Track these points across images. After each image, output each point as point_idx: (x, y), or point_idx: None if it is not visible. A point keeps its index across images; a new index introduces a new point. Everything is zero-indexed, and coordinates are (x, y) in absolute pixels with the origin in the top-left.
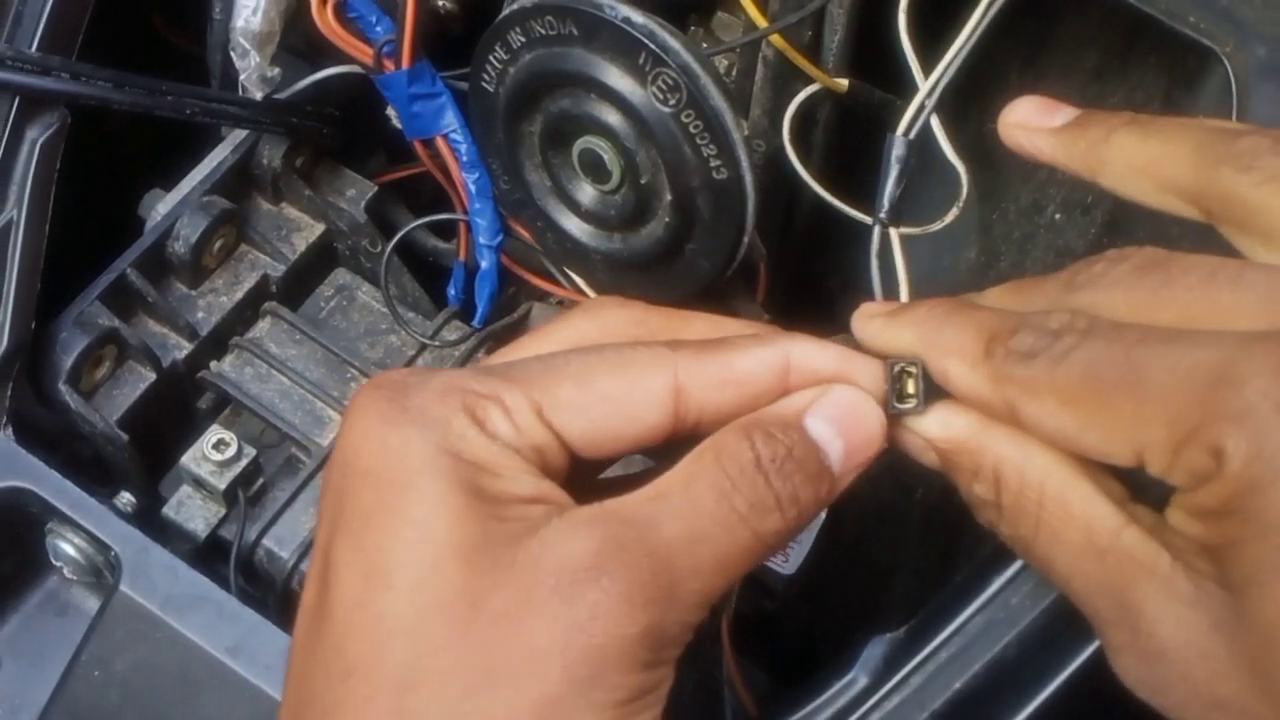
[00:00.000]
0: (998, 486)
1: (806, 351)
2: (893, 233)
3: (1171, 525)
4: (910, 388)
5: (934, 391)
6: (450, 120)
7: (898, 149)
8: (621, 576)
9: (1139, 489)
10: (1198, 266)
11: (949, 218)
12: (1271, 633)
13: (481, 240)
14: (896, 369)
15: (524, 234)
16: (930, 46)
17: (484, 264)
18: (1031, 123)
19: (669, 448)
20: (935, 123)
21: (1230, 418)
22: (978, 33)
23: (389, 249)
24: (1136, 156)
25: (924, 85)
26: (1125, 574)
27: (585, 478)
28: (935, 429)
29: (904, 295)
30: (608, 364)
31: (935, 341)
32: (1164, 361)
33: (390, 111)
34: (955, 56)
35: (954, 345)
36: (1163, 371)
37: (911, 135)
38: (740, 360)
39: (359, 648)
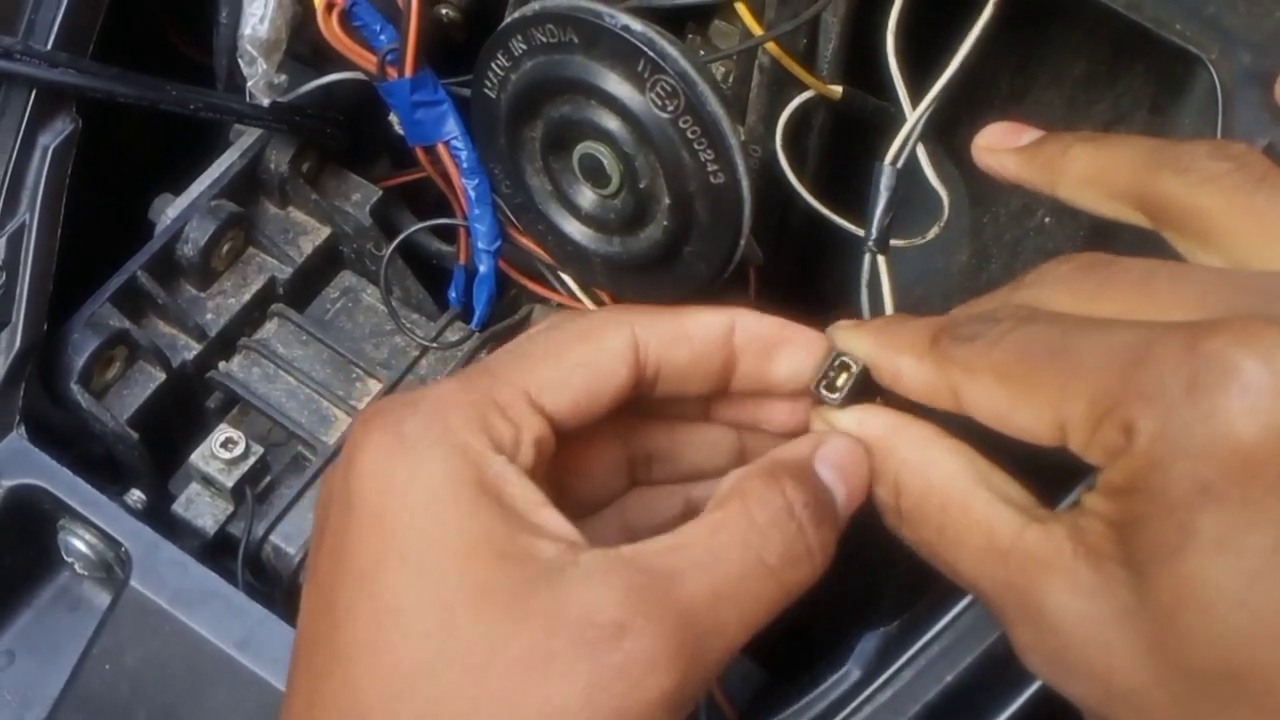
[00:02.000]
0: (897, 491)
1: (750, 318)
2: (881, 261)
3: (1085, 506)
4: (841, 381)
5: (863, 392)
6: (451, 127)
7: (886, 178)
8: (645, 634)
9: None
10: (1138, 266)
11: (930, 234)
12: (1170, 612)
13: (480, 245)
14: (837, 360)
15: (522, 240)
16: (922, 59)
17: (483, 268)
18: (998, 145)
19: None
20: (921, 151)
21: (1142, 395)
22: (961, 60)
23: (388, 253)
24: (1088, 168)
25: (910, 116)
26: (1027, 573)
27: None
28: (850, 425)
29: None
30: (572, 334)
31: (890, 342)
32: (1091, 342)
33: (393, 118)
34: (941, 89)
35: (906, 342)
36: (1089, 350)
37: (899, 164)
38: (690, 320)
39: (374, 693)
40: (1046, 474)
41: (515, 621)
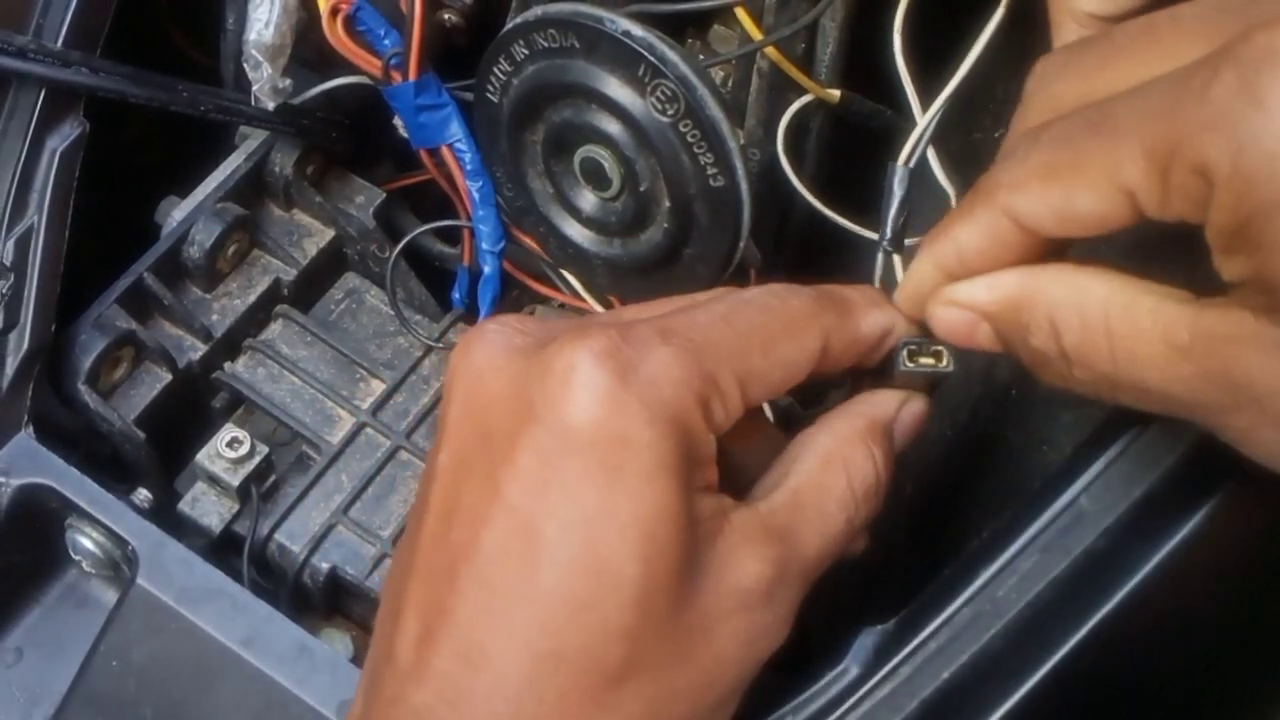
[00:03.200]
0: (1056, 332)
1: (903, 324)
2: (896, 259)
3: (1226, 273)
4: (925, 359)
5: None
6: (455, 130)
7: (899, 178)
8: (784, 600)
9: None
10: (1134, 26)
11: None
12: None
13: (484, 246)
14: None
15: (525, 240)
16: (922, 62)
17: (487, 269)
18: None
19: None
20: (931, 154)
21: (1199, 127)
22: (973, 60)
23: (393, 255)
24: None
25: (922, 119)
26: (1219, 356)
27: None
28: (982, 293)
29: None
30: (779, 324)
31: (938, 231)
32: (1126, 104)
33: (397, 121)
34: (956, 86)
35: (952, 216)
36: (1127, 112)
37: (911, 164)
38: (865, 323)
39: (577, 642)
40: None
41: (694, 584)
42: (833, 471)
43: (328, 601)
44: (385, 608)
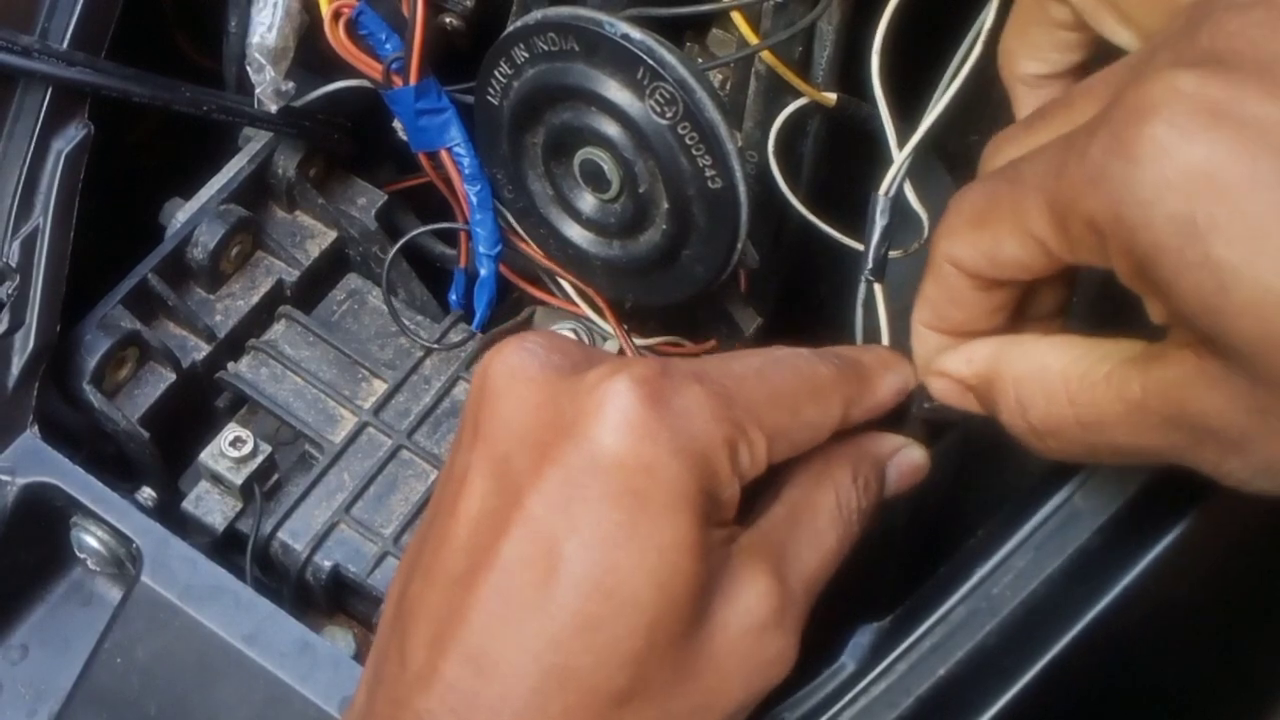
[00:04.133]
0: (1023, 408)
1: (914, 380)
2: (877, 288)
3: (1157, 323)
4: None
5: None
6: (454, 134)
7: (880, 209)
8: (791, 623)
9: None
10: (1057, 96)
11: (913, 248)
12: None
13: (481, 249)
14: None
15: (522, 245)
16: (919, 62)
17: (483, 272)
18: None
19: None
20: (908, 186)
21: (1085, 183)
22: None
23: (391, 256)
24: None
25: (899, 155)
26: (1172, 401)
27: None
28: (961, 366)
29: (885, 340)
30: (807, 387)
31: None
32: (1030, 162)
33: (397, 124)
34: (930, 126)
35: (924, 280)
36: (1030, 170)
37: (892, 193)
38: (882, 392)
39: (586, 661)
40: None
41: (704, 610)
42: (822, 489)
43: (330, 599)
44: (394, 606)
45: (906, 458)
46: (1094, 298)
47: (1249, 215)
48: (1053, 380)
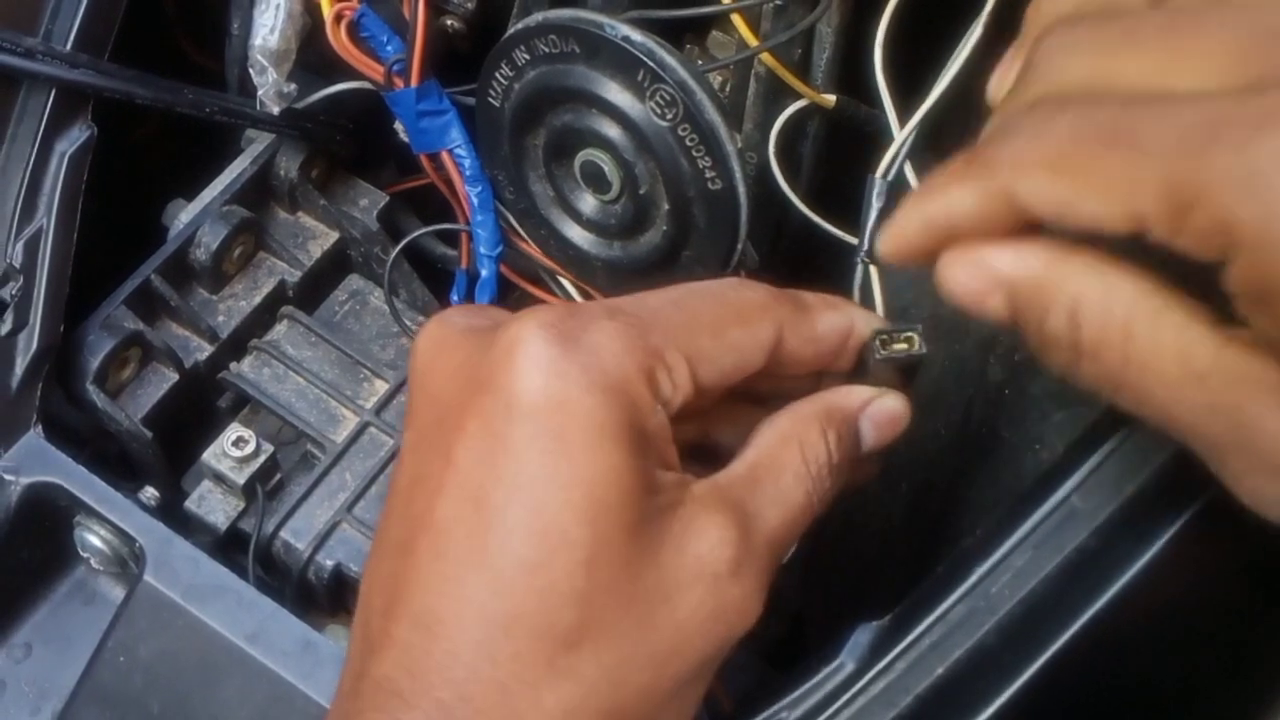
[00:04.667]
0: (1075, 322)
1: (863, 321)
2: (873, 270)
3: (1251, 326)
4: (899, 346)
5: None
6: (455, 136)
7: (877, 191)
8: (752, 575)
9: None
10: (1153, 19)
11: None
12: None
13: (482, 250)
14: (905, 332)
15: (523, 245)
16: (915, 64)
17: (484, 273)
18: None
19: None
20: (909, 167)
21: (1235, 182)
22: (949, 80)
23: (392, 257)
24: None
25: (899, 134)
26: (1233, 393)
27: None
28: (1007, 262)
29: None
30: (731, 311)
31: (931, 185)
32: (1154, 124)
33: (398, 126)
34: (929, 108)
35: (945, 175)
36: (1154, 136)
37: (890, 177)
38: (820, 322)
39: (528, 605)
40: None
41: (653, 551)
42: (788, 448)
43: (332, 598)
44: (360, 589)
45: (881, 408)
46: None
47: None
48: (1118, 307)
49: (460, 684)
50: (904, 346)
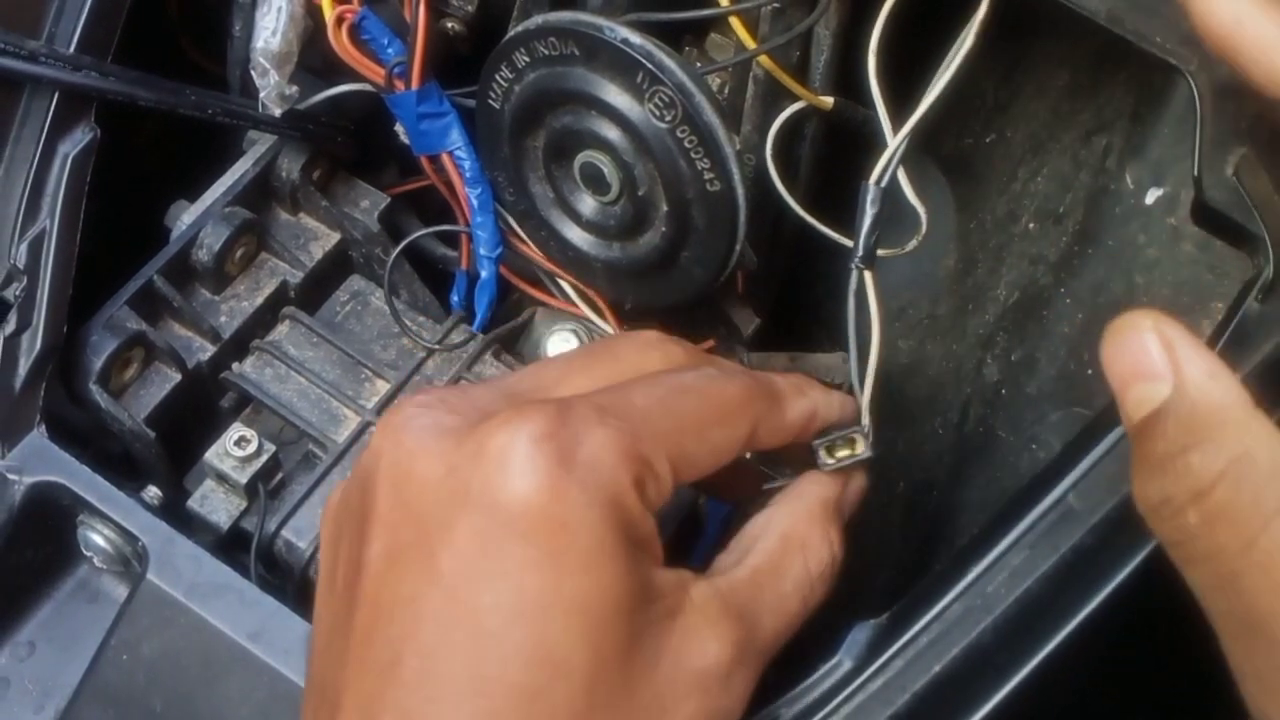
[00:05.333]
0: (1220, 473)
1: (828, 407)
2: (867, 275)
3: None
4: (842, 454)
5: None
6: (455, 138)
7: (871, 198)
8: (741, 683)
9: None
10: None
11: (910, 246)
12: None
13: (481, 251)
14: (851, 433)
15: (522, 247)
16: (910, 67)
17: (484, 274)
18: None
19: None
20: (901, 173)
21: None
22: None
23: (393, 259)
24: None
25: (893, 140)
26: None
27: None
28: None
29: (875, 331)
30: (714, 410)
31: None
32: None
33: (399, 128)
34: (922, 115)
35: None
36: None
37: (884, 183)
38: (791, 412)
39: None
40: None
41: (649, 664)
42: (790, 554)
43: None
44: (316, 695)
45: (853, 489)
46: None
47: None
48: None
49: None
50: (848, 452)
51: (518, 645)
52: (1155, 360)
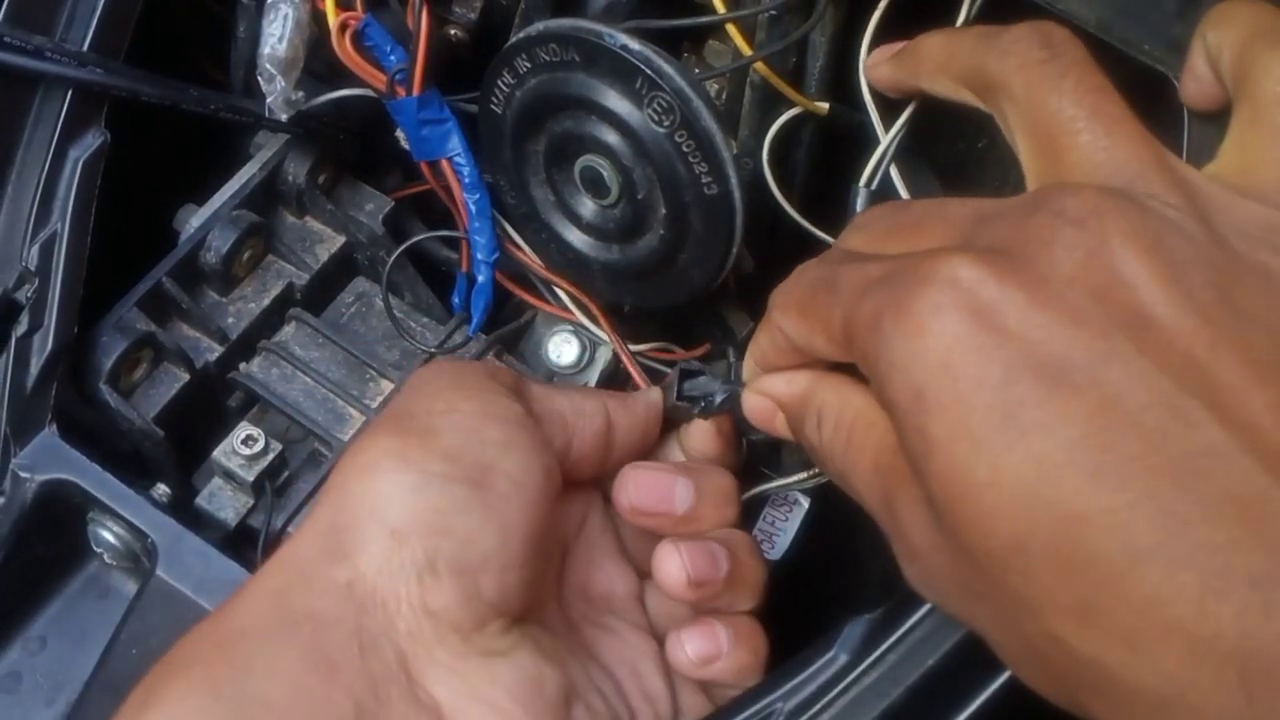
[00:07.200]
0: (818, 424)
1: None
2: None
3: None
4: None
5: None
6: (455, 144)
7: (861, 200)
8: None
9: None
10: (917, 208)
11: None
12: (944, 503)
13: (479, 256)
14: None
15: (518, 253)
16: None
17: (481, 278)
18: (876, 60)
19: None
20: (895, 172)
21: (865, 324)
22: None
23: (392, 261)
24: (938, 56)
25: (884, 139)
26: (888, 484)
27: None
28: (781, 386)
29: None
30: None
31: (755, 343)
32: (851, 275)
33: (400, 134)
34: (908, 117)
35: (760, 327)
36: (847, 283)
37: (874, 186)
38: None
39: None
40: None
41: None
42: None
43: None
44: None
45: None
46: None
47: (963, 408)
48: (847, 414)
49: None
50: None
51: None
52: (759, 405)
